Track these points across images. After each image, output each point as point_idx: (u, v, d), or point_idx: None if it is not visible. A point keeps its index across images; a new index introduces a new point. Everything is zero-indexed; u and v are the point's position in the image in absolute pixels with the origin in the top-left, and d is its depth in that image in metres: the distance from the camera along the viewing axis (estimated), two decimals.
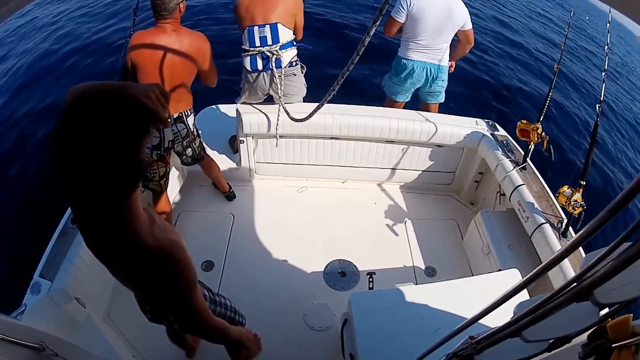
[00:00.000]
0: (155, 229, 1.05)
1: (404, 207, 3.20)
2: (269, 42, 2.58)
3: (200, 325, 1.26)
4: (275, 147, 3.04)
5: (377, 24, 1.15)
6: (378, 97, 3.64)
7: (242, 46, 2.67)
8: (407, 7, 3.02)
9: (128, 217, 0.96)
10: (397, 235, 2.97)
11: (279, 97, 2.70)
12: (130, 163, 0.85)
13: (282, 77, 2.66)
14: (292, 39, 2.68)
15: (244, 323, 1.88)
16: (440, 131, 2.90)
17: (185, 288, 1.11)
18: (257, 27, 2.57)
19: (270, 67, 2.62)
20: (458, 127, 2.93)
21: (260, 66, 2.65)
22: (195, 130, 2.61)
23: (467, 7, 3.12)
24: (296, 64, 2.75)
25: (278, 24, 2.57)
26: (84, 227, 1.01)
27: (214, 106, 3.64)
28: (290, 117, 2.54)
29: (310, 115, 1.97)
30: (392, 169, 3.21)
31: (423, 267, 2.76)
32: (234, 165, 3.20)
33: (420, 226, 3.02)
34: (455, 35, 3.20)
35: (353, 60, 1.30)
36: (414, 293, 1.94)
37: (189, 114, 2.50)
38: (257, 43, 2.59)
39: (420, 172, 3.22)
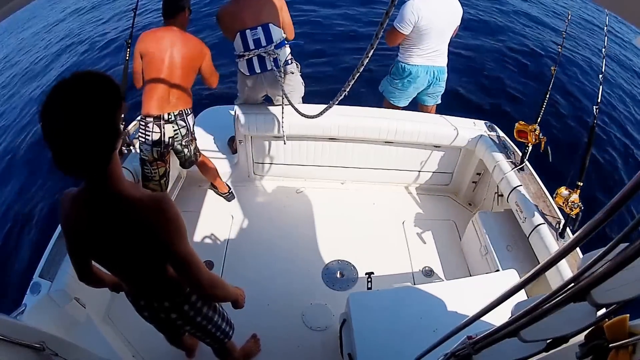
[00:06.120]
0: (141, 189, 1.18)
1: (402, 207, 3.21)
2: (263, 43, 2.55)
3: (199, 278, 1.24)
4: (274, 148, 3.04)
5: (384, 26, 1.16)
6: (376, 97, 3.63)
7: (235, 52, 2.65)
8: (414, 20, 2.88)
9: (111, 178, 1.08)
10: (395, 235, 2.97)
11: (283, 96, 2.65)
12: (106, 126, 0.97)
13: (282, 75, 2.65)
14: (284, 37, 2.65)
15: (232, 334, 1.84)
16: (438, 132, 2.91)
17: (178, 233, 1.16)
18: (248, 30, 2.54)
19: (269, 67, 2.61)
20: (456, 128, 2.93)
21: (258, 69, 2.63)
22: (194, 131, 2.64)
23: (464, 5, 3.06)
24: (292, 62, 2.74)
25: (269, 24, 2.55)
26: None
27: (213, 107, 3.66)
28: (300, 114, 2.42)
29: (322, 113, 1.95)
30: (390, 170, 3.21)
31: (421, 267, 2.77)
32: (232, 166, 3.20)
33: (418, 227, 3.03)
34: None
35: (363, 62, 1.31)
36: (412, 293, 1.95)
37: (189, 112, 2.55)
38: (252, 46, 2.56)
39: (419, 173, 3.23)
